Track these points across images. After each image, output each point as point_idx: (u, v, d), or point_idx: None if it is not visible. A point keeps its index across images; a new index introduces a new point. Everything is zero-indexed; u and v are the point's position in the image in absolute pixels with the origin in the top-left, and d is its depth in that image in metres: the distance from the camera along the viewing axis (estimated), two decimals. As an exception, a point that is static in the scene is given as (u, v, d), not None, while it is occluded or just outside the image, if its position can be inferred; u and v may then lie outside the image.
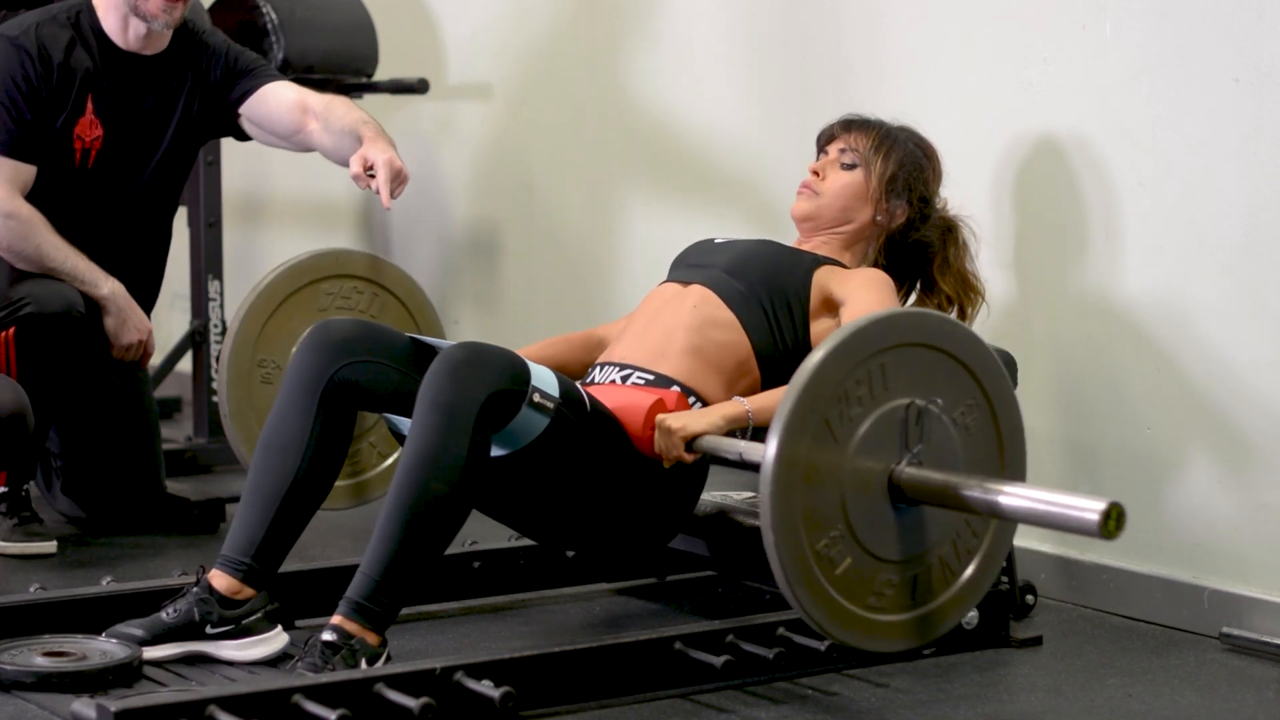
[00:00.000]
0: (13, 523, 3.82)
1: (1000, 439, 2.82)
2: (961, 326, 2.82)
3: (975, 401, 2.79)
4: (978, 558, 2.82)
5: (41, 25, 3.79)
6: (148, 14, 3.77)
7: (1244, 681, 3.08)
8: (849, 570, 2.69)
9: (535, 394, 2.93)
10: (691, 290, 3.28)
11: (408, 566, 2.86)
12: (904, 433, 2.72)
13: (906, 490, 2.71)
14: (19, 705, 2.83)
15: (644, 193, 4.50)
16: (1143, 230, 3.43)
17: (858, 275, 3.26)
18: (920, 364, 2.74)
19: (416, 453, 2.85)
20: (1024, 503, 2.62)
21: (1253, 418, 3.28)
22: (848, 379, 2.67)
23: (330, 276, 3.58)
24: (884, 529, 2.72)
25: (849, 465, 2.69)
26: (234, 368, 3.47)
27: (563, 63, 4.72)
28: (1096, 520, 2.52)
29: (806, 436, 2.64)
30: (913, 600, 2.76)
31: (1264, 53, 3.22)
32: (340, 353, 3.05)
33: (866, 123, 3.41)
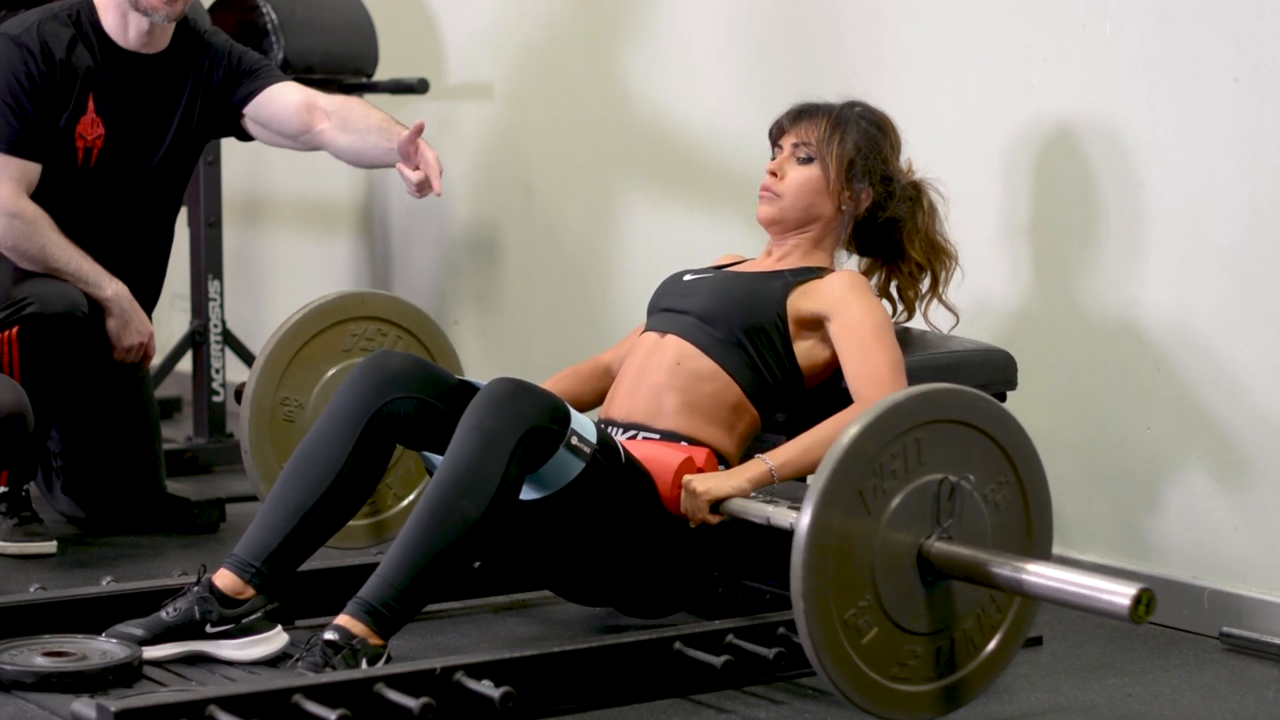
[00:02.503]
0: (13, 523, 3.82)
1: (1028, 516, 2.83)
2: (996, 404, 2.81)
3: (1006, 479, 2.80)
4: (1002, 630, 2.82)
5: (43, 23, 3.79)
6: (148, 7, 3.76)
7: (1244, 681, 3.08)
8: (876, 641, 2.70)
9: (574, 437, 2.94)
10: (668, 343, 3.25)
11: (425, 580, 2.86)
12: (936, 507, 2.73)
13: (935, 564, 2.72)
14: (19, 705, 2.83)
15: (644, 192, 4.50)
16: (1143, 230, 3.43)
17: (834, 285, 3.21)
18: (954, 439, 2.75)
19: (452, 472, 2.86)
20: (1053, 583, 2.63)
21: (1253, 417, 3.28)
22: (882, 453, 2.69)
23: (355, 318, 3.59)
24: (912, 602, 2.73)
25: (880, 537, 2.70)
26: (257, 404, 3.47)
27: (563, 63, 4.72)
28: (1127, 606, 2.53)
29: (839, 507, 2.65)
30: (937, 672, 2.76)
31: (1264, 53, 3.22)
32: (392, 386, 3.07)
33: (816, 109, 3.35)
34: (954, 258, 3.37)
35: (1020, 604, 2.82)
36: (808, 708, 2.89)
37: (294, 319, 3.53)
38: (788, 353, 3.20)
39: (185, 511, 4.12)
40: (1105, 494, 3.52)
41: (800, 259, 3.30)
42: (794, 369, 3.21)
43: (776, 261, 3.32)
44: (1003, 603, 2.81)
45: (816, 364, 3.22)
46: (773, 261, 3.33)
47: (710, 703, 2.91)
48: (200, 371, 4.80)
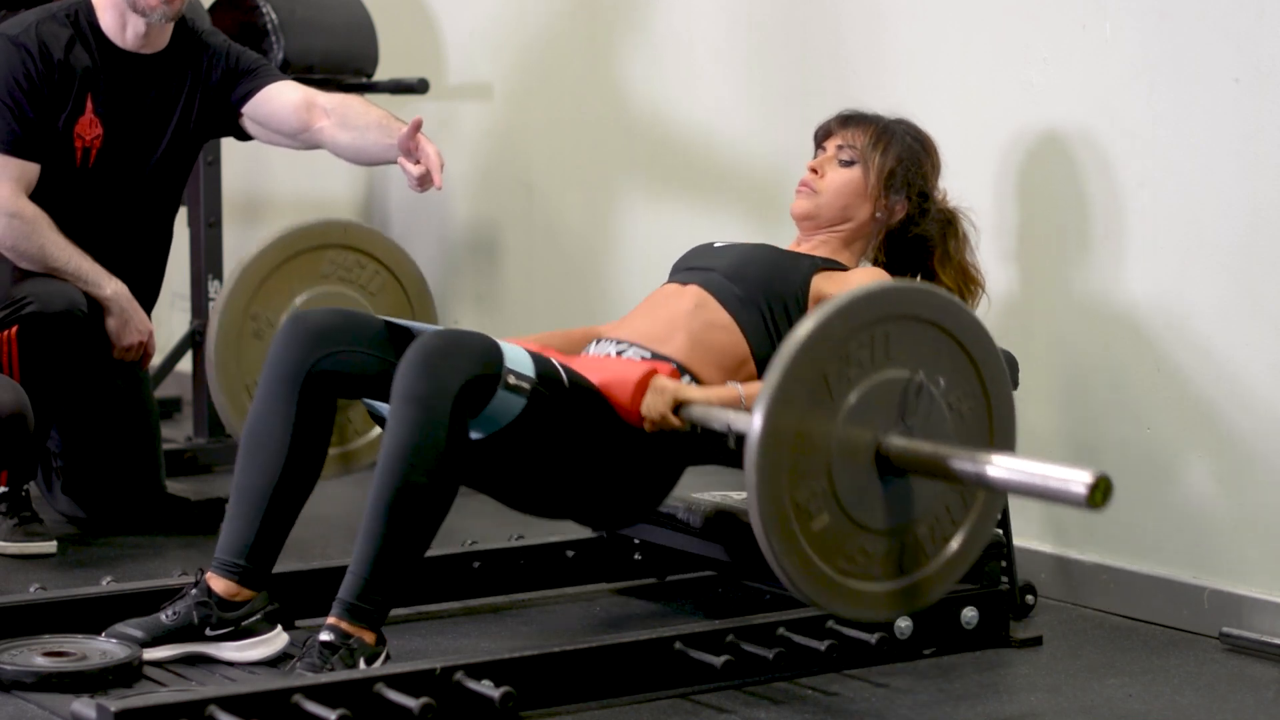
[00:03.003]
0: (13, 523, 3.82)
1: (992, 432, 2.81)
2: (971, 315, 2.81)
3: (973, 391, 2.78)
4: (964, 530, 2.80)
5: (41, 23, 3.79)
6: (145, 8, 3.76)
7: (1244, 681, 3.08)
8: (828, 531, 2.67)
9: (510, 376, 2.92)
10: (689, 290, 3.27)
11: (395, 562, 2.86)
12: (902, 404, 2.71)
13: (894, 459, 2.70)
14: (19, 705, 2.83)
15: (644, 192, 4.50)
16: (1143, 230, 3.43)
17: (855, 275, 3.26)
18: (926, 341, 2.73)
19: (394, 447, 2.85)
20: (1012, 474, 2.60)
21: (1253, 417, 3.28)
22: (850, 340, 2.66)
23: (337, 246, 3.59)
24: (869, 497, 2.70)
25: (838, 432, 2.67)
26: (227, 314, 3.48)
27: (563, 63, 4.72)
28: (1084, 492, 2.49)
29: (798, 399, 2.62)
30: (898, 571, 2.74)
31: (1264, 53, 3.22)
32: (317, 344, 3.05)
33: (864, 118, 3.41)
34: (982, 286, 3.42)
35: (983, 501, 2.80)
36: (807, 708, 2.90)
37: (274, 237, 3.53)
38: None
39: (185, 511, 4.12)
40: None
41: (828, 254, 3.35)
42: None
43: (806, 251, 3.36)
44: (964, 505, 2.79)
45: None
46: (802, 250, 3.36)
47: (710, 703, 2.91)
48: (200, 371, 4.80)
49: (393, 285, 3.64)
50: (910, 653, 3.12)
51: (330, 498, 4.26)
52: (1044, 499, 2.60)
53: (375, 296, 3.66)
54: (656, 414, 3.00)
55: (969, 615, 3.17)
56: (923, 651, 3.14)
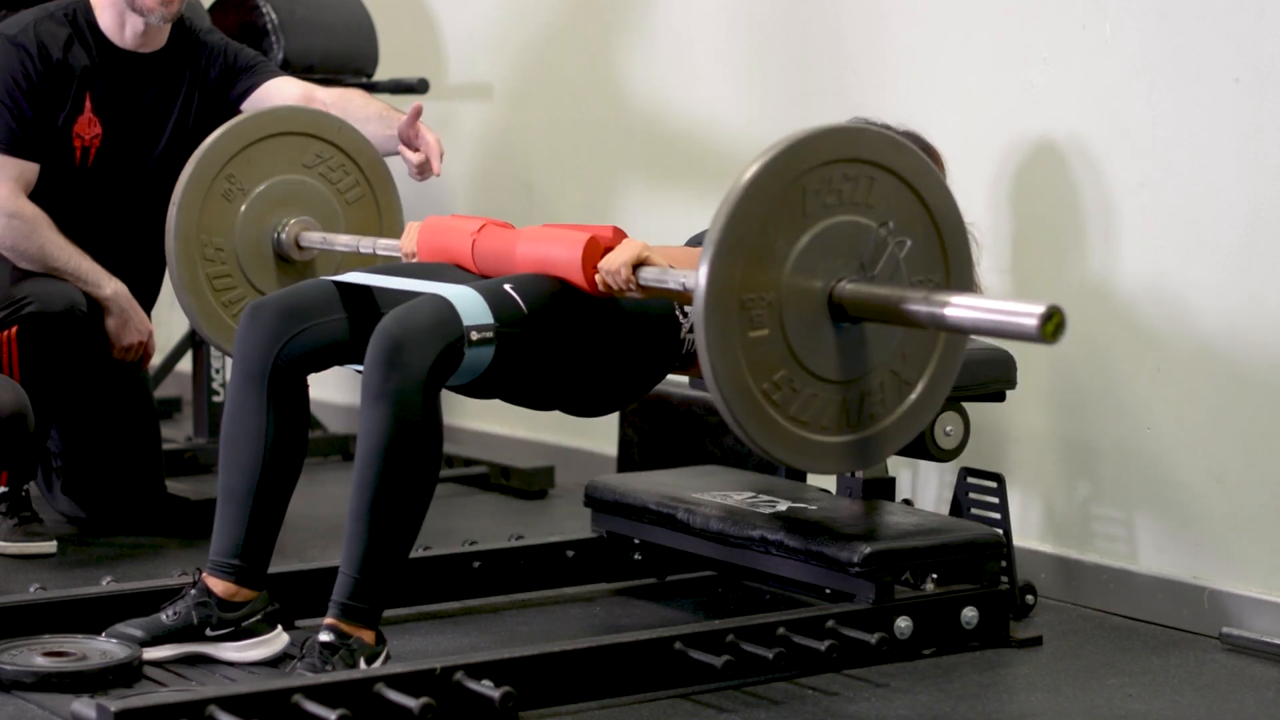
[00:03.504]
0: (13, 523, 3.82)
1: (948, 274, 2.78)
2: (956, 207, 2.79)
3: (938, 282, 2.74)
4: (916, 392, 2.76)
5: (39, 23, 3.79)
6: (144, 8, 3.77)
7: (1244, 681, 3.08)
8: (779, 378, 2.64)
9: (472, 333, 2.89)
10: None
11: (383, 559, 2.86)
12: (867, 252, 2.66)
13: (848, 305, 2.66)
14: (19, 705, 2.83)
15: (644, 192, 4.51)
16: (1143, 230, 3.43)
17: None
18: (907, 209, 2.69)
19: (371, 445, 2.84)
20: (965, 312, 2.55)
21: (1253, 417, 3.28)
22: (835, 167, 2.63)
23: (329, 142, 3.60)
24: (820, 342, 2.66)
25: (792, 268, 2.63)
26: (204, 163, 3.50)
27: (563, 62, 4.72)
28: (1035, 324, 2.44)
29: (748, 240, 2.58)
30: (843, 425, 2.72)
31: (1264, 53, 3.22)
32: (278, 333, 3.05)
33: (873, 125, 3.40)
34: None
35: (942, 350, 2.77)
36: (807, 708, 2.90)
37: (269, 109, 3.57)
38: None
39: (185, 511, 4.12)
40: (1105, 494, 3.52)
41: None
42: None
43: None
44: (914, 369, 2.76)
45: None
46: None
47: (710, 703, 2.91)
48: (200, 371, 4.80)
49: (369, 201, 3.65)
50: (910, 653, 3.12)
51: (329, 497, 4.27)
52: (998, 335, 2.56)
53: (349, 206, 3.67)
54: (613, 266, 2.92)
55: (969, 615, 3.17)
56: (923, 651, 3.14)
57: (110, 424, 4.03)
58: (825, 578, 3.15)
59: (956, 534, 3.20)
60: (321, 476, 4.61)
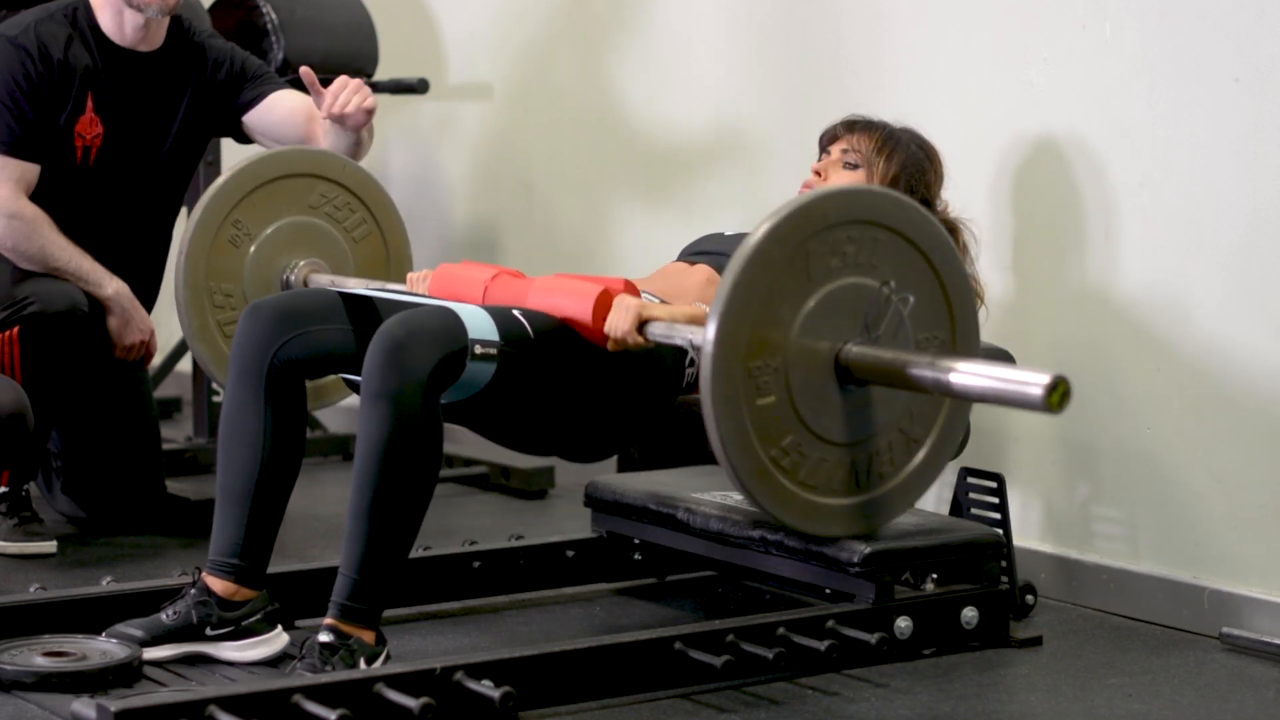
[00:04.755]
0: (13, 523, 3.82)
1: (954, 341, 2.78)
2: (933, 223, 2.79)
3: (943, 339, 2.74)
4: (923, 451, 2.76)
5: (40, 24, 3.80)
6: (141, 3, 3.78)
7: (1244, 681, 3.08)
8: (790, 448, 2.64)
9: (476, 346, 2.90)
10: (699, 268, 3.28)
11: (383, 559, 2.86)
12: (870, 312, 2.66)
13: (854, 368, 2.66)
14: (19, 705, 2.83)
15: (644, 192, 4.51)
16: (1143, 230, 3.43)
17: None
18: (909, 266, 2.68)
19: (370, 445, 2.85)
20: (971, 379, 2.56)
21: (1253, 417, 3.28)
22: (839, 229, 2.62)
23: (333, 181, 3.60)
24: (828, 408, 2.66)
25: (798, 332, 2.63)
26: (211, 209, 3.50)
27: (562, 62, 4.72)
28: (1040, 394, 2.46)
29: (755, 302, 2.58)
30: (851, 487, 2.72)
31: (1264, 53, 3.22)
32: (275, 334, 3.06)
33: (870, 124, 3.41)
34: (981, 298, 3.40)
35: (946, 415, 2.77)
36: (807, 708, 2.90)
37: (272, 152, 3.55)
38: None
39: (185, 511, 4.12)
40: (1105, 494, 3.52)
41: None
42: None
43: None
44: (921, 427, 2.76)
45: None
46: None
47: (710, 703, 2.91)
48: (200, 372, 4.80)
49: (376, 238, 3.65)
50: (910, 653, 3.12)
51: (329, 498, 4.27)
52: (1004, 404, 2.56)
53: (357, 244, 3.67)
54: (620, 332, 2.94)
55: (969, 615, 3.17)
56: (923, 651, 3.13)
57: (110, 424, 4.03)
58: (825, 578, 3.15)
59: (956, 534, 3.20)
60: (321, 476, 4.61)
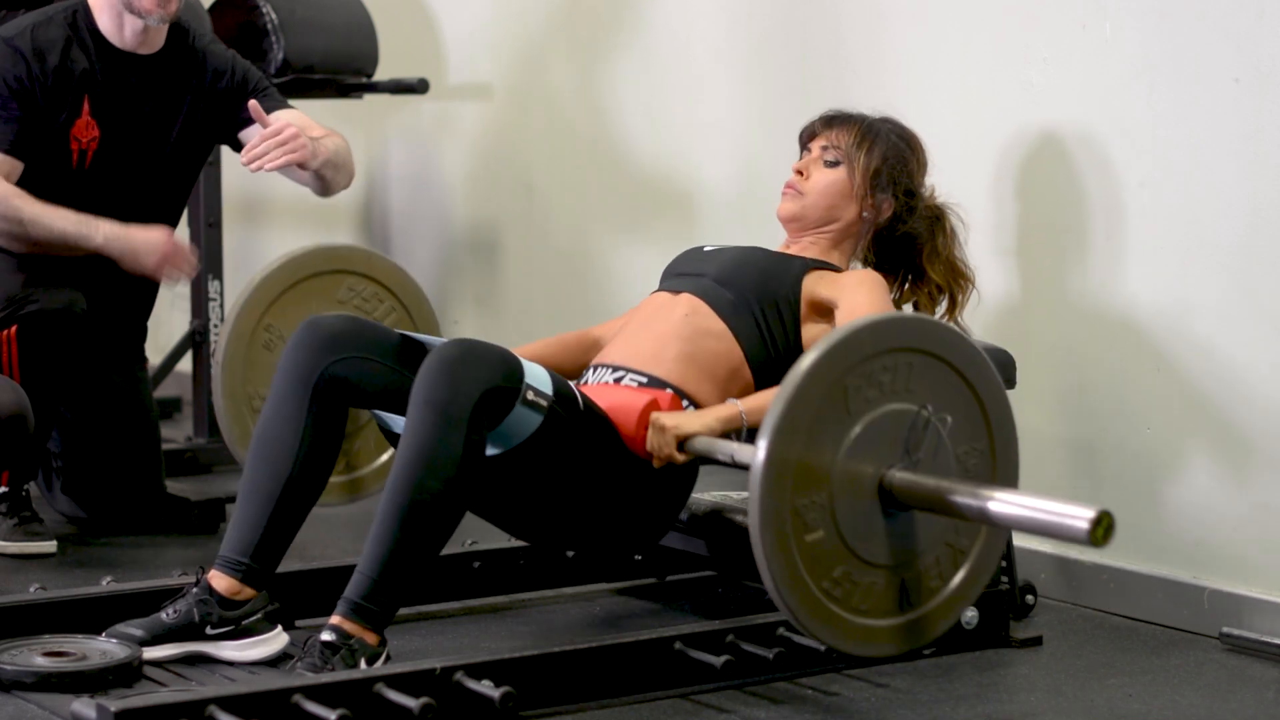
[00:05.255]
0: (13, 522, 3.82)
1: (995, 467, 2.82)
2: (974, 347, 2.81)
3: (982, 449, 2.79)
4: (968, 564, 2.81)
5: (38, 27, 3.80)
6: (143, 10, 3.78)
7: (1244, 681, 3.08)
8: (837, 572, 2.69)
9: (529, 391, 2.92)
10: (682, 299, 3.28)
11: (405, 565, 2.86)
12: (909, 437, 2.71)
13: (897, 494, 2.70)
14: (19, 705, 2.83)
15: (644, 192, 4.50)
16: (1143, 230, 3.43)
17: (849, 276, 3.27)
18: (932, 375, 2.73)
19: (411, 451, 2.85)
20: (1014, 509, 2.61)
21: (1253, 417, 3.28)
22: (852, 372, 2.66)
23: (358, 274, 3.60)
24: (872, 532, 2.71)
25: (840, 464, 2.68)
26: (242, 319, 3.49)
27: (562, 62, 4.72)
28: (1086, 528, 2.51)
29: (801, 429, 2.63)
30: (900, 606, 2.75)
31: (1264, 53, 3.22)
32: (330, 349, 3.06)
33: (848, 118, 3.40)
34: (972, 282, 3.41)
35: (987, 534, 2.80)
36: (807, 708, 2.90)
37: (298, 252, 3.55)
38: (795, 331, 3.23)
39: (185, 511, 4.12)
40: (1105, 494, 3.52)
41: (817, 255, 3.34)
42: (797, 347, 3.22)
43: (796, 253, 3.36)
44: (966, 539, 2.79)
45: None
46: (792, 252, 3.36)
47: (710, 703, 2.91)
48: (200, 371, 4.80)
49: (407, 324, 3.65)
50: (910, 653, 3.11)
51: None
52: (1047, 535, 2.60)
53: None
54: (663, 454, 3.03)
55: (969, 615, 3.17)
56: (923, 651, 3.13)
57: (110, 424, 4.03)
58: (825, 578, 3.16)
59: (957, 534, 3.20)
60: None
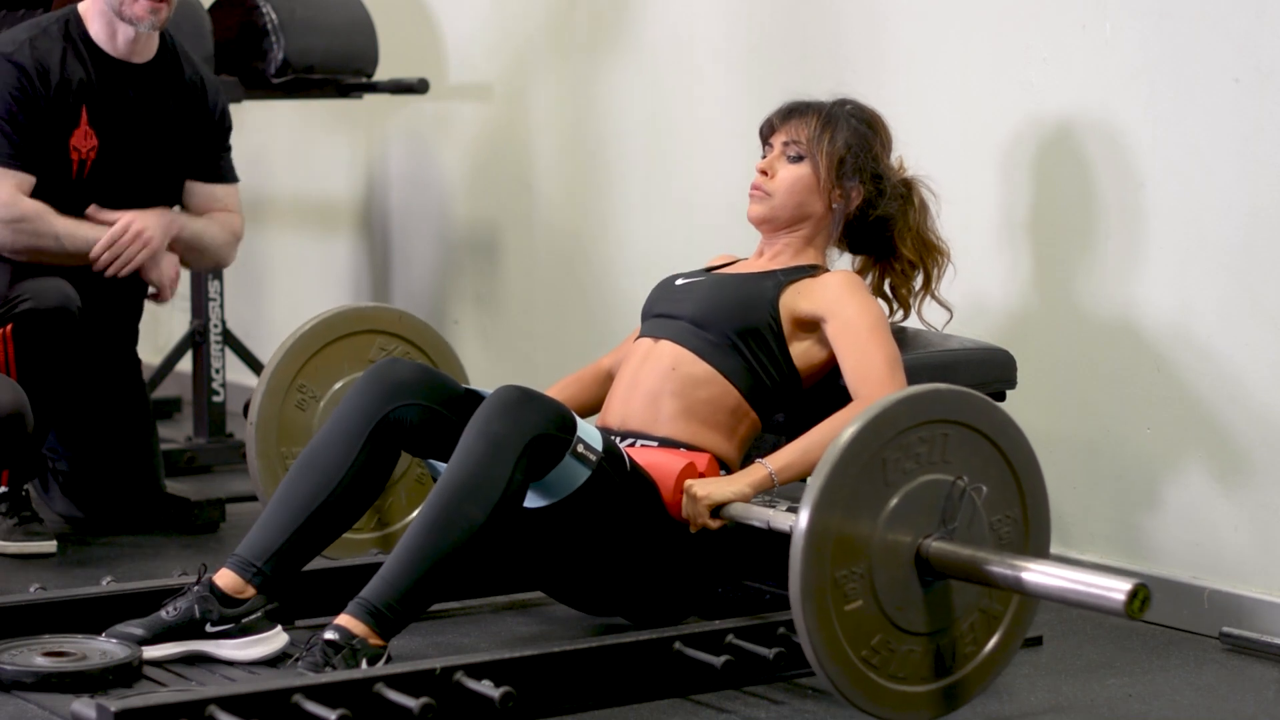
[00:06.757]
0: (13, 522, 3.82)
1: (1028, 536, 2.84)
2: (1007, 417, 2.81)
3: (1015, 516, 2.81)
4: (1001, 631, 2.82)
5: (35, 40, 3.82)
6: (134, 17, 3.81)
7: (1244, 681, 3.08)
8: (875, 641, 2.71)
9: (579, 444, 2.94)
10: (663, 349, 3.25)
11: (428, 583, 2.86)
12: (946, 507, 2.73)
13: (934, 563, 2.72)
14: (19, 705, 2.83)
15: (643, 192, 4.50)
16: (1143, 230, 3.43)
17: (827, 285, 3.21)
18: (968, 445, 2.76)
19: (458, 476, 2.87)
20: (1051, 580, 2.64)
21: (1253, 417, 3.28)
22: (910, 433, 2.69)
23: (388, 334, 3.62)
24: (910, 601, 2.73)
25: (879, 536, 2.70)
26: (276, 378, 3.51)
27: (562, 62, 4.72)
28: (1122, 600, 2.54)
29: (838, 507, 2.65)
30: (936, 672, 2.77)
31: (1264, 53, 3.22)
32: (398, 393, 3.08)
33: (806, 108, 3.35)
34: (946, 255, 3.38)
35: (1018, 604, 2.82)
36: (808, 708, 2.89)
37: (331, 313, 3.57)
38: (783, 353, 3.21)
39: (185, 511, 4.12)
40: (1105, 494, 3.52)
41: (792, 258, 3.30)
42: (790, 369, 3.21)
43: (769, 261, 3.32)
44: (1000, 604, 2.82)
45: (814, 364, 3.22)
46: (765, 261, 3.33)
47: (710, 703, 2.91)
48: (200, 371, 4.79)
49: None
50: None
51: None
52: (1081, 607, 2.62)
53: None
54: (697, 521, 3.04)
55: (969, 615, 3.17)
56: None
57: (108, 425, 4.03)
58: (826, 578, 3.16)
59: (957, 535, 3.20)
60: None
